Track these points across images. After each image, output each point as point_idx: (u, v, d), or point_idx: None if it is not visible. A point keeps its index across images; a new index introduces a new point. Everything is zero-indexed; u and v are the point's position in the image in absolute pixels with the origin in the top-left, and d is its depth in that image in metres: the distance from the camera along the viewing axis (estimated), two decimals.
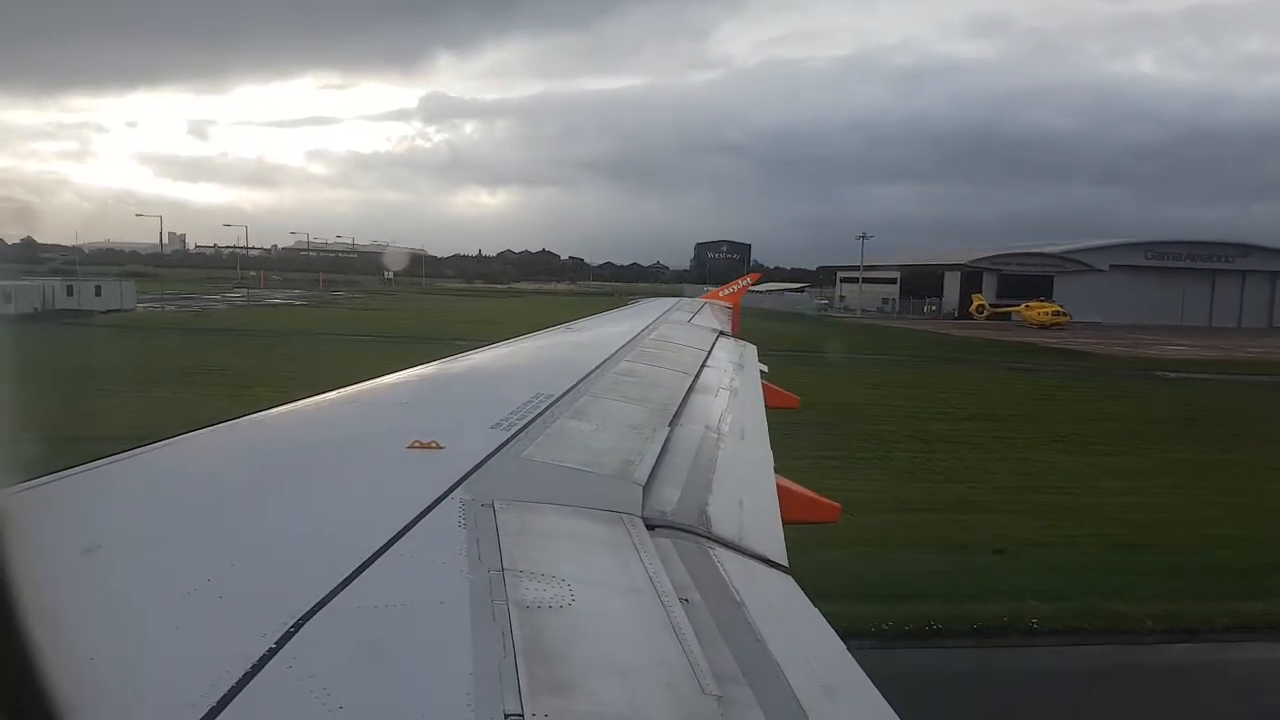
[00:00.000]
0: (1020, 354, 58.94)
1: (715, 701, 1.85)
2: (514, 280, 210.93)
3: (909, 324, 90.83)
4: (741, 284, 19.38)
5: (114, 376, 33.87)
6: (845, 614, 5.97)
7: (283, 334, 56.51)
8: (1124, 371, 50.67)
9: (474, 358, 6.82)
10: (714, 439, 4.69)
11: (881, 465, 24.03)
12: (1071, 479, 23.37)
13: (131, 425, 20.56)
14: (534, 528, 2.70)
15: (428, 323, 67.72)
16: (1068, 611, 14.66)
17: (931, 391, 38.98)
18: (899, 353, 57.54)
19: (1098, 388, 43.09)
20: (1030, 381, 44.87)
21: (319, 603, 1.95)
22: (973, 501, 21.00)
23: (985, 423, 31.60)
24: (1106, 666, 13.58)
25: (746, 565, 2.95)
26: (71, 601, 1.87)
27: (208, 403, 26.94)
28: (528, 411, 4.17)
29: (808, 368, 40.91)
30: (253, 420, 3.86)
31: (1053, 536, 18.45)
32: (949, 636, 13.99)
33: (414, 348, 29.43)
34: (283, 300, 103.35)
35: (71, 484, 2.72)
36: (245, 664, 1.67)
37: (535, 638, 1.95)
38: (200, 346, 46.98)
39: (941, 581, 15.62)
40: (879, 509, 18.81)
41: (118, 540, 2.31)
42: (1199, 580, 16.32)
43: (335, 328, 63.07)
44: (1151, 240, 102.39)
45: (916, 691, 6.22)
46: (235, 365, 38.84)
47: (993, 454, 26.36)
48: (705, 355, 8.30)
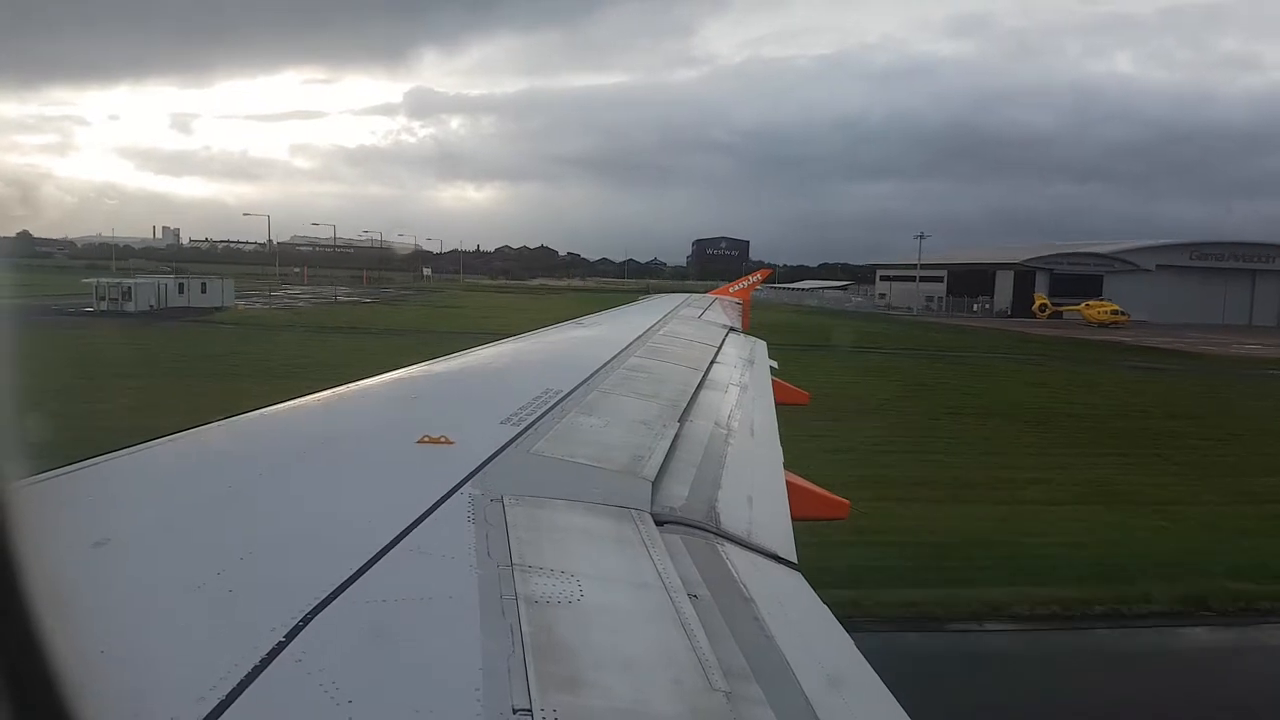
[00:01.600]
0: (1125, 354, 58.79)
1: (724, 697, 1.84)
2: (528, 277, 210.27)
3: (970, 322, 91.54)
4: (752, 280, 19.42)
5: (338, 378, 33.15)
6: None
7: (414, 331, 54.98)
8: (1243, 370, 50.33)
9: (484, 353, 6.82)
10: (724, 435, 4.69)
11: (1203, 468, 23.67)
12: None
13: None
14: (543, 523, 2.70)
15: (524, 316, 65.68)
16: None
17: (1118, 393, 38.90)
18: (1012, 352, 57.34)
19: (1246, 388, 42.69)
20: (1177, 381, 44.64)
21: (328, 597, 1.95)
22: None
23: (1218, 420, 31.72)
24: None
25: (756, 562, 2.94)
26: (82, 594, 1.88)
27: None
28: (537, 407, 4.17)
29: (951, 367, 42.06)
30: (263, 414, 3.87)
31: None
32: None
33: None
34: (352, 297, 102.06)
35: (82, 477, 2.74)
36: (255, 657, 1.67)
37: (544, 633, 1.95)
38: (364, 347, 45.46)
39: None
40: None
41: (128, 533, 2.32)
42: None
43: (448, 325, 61.30)
44: (1196, 241, 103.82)
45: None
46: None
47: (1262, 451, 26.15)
48: (715, 351, 8.29)
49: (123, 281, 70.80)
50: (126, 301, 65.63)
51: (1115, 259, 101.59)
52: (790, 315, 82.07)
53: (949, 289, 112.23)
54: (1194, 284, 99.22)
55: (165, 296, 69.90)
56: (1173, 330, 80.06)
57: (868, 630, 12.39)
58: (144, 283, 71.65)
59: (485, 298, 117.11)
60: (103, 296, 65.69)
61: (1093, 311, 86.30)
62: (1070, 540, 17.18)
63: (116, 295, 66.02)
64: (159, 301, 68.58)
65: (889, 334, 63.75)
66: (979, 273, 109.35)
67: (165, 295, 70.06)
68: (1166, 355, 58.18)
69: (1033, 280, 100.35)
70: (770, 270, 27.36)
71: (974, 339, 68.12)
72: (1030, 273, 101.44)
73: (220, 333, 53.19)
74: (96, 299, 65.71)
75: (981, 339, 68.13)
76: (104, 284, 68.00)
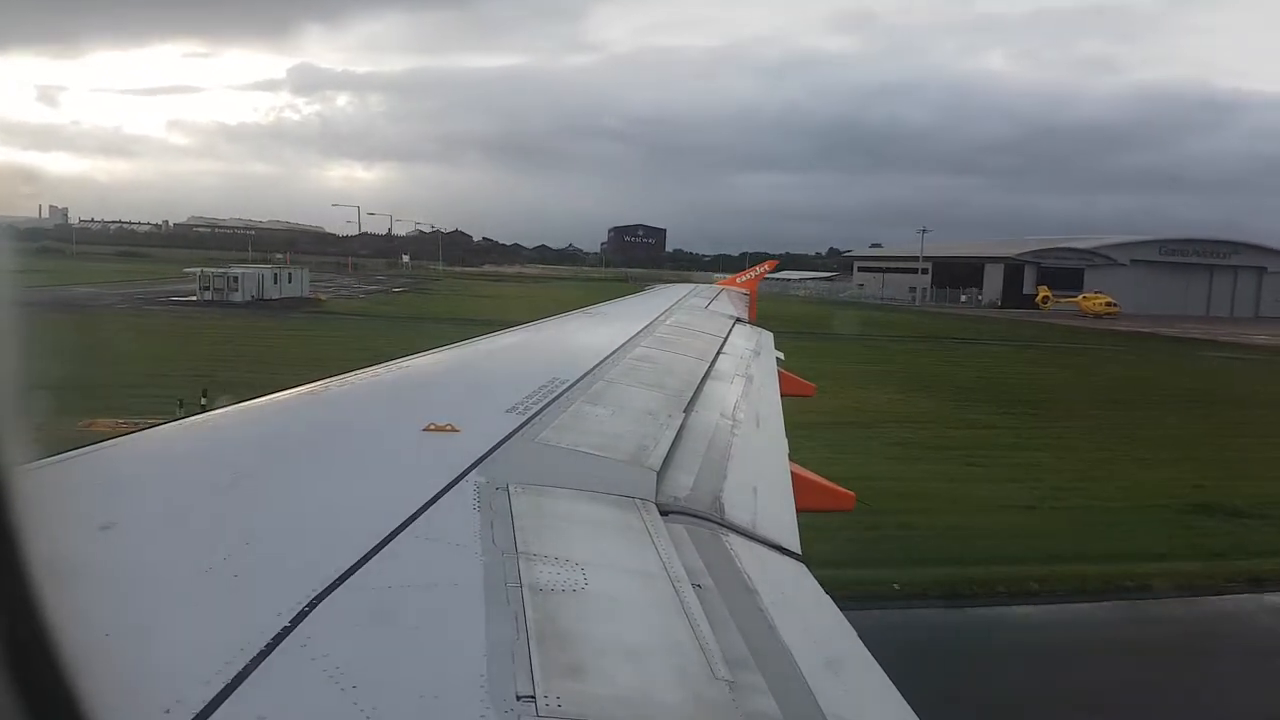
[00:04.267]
0: (1158, 343, 64.40)
1: (726, 686, 1.84)
2: (479, 263, 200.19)
3: (973, 312, 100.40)
4: (759, 270, 19.40)
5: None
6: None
7: (505, 321, 52.85)
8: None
9: (490, 342, 6.82)
10: (729, 426, 4.68)
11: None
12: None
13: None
14: (548, 511, 2.70)
15: (559, 303, 65.56)
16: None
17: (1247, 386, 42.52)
18: (1088, 342, 62.12)
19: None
20: (1242, 369, 50.20)
21: (334, 582, 1.96)
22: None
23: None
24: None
25: (759, 552, 2.94)
26: (88, 578, 1.89)
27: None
28: (543, 396, 4.17)
29: (1049, 369, 44.65)
30: (271, 400, 3.88)
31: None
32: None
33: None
34: (376, 287, 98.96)
35: (89, 461, 2.75)
36: (260, 642, 1.68)
37: (548, 620, 1.95)
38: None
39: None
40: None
41: (134, 517, 2.33)
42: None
43: (523, 312, 59.67)
44: (1164, 238, 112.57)
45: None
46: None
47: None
48: (721, 342, 8.28)
49: (229, 271, 70.20)
50: (233, 292, 65.18)
51: (1094, 254, 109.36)
52: (813, 309, 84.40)
53: (935, 280, 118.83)
54: (1163, 277, 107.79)
55: (263, 287, 68.97)
56: (1165, 321, 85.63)
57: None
58: (249, 273, 70.91)
59: (493, 287, 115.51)
60: (206, 286, 65.51)
61: (1089, 303, 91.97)
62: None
63: (222, 285, 65.64)
64: (259, 292, 67.73)
65: (945, 327, 68.63)
66: (966, 265, 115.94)
67: (262, 286, 69.13)
68: (1207, 345, 63.30)
69: (1022, 273, 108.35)
70: (776, 262, 27.49)
71: (1033, 330, 73.10)
72: (1020, 266, 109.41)
73: (349, 325, 51.53)
74: (200, 289, 65.49)
75: (1048, 330, 73.26)
76: (209, 274, 67.89)
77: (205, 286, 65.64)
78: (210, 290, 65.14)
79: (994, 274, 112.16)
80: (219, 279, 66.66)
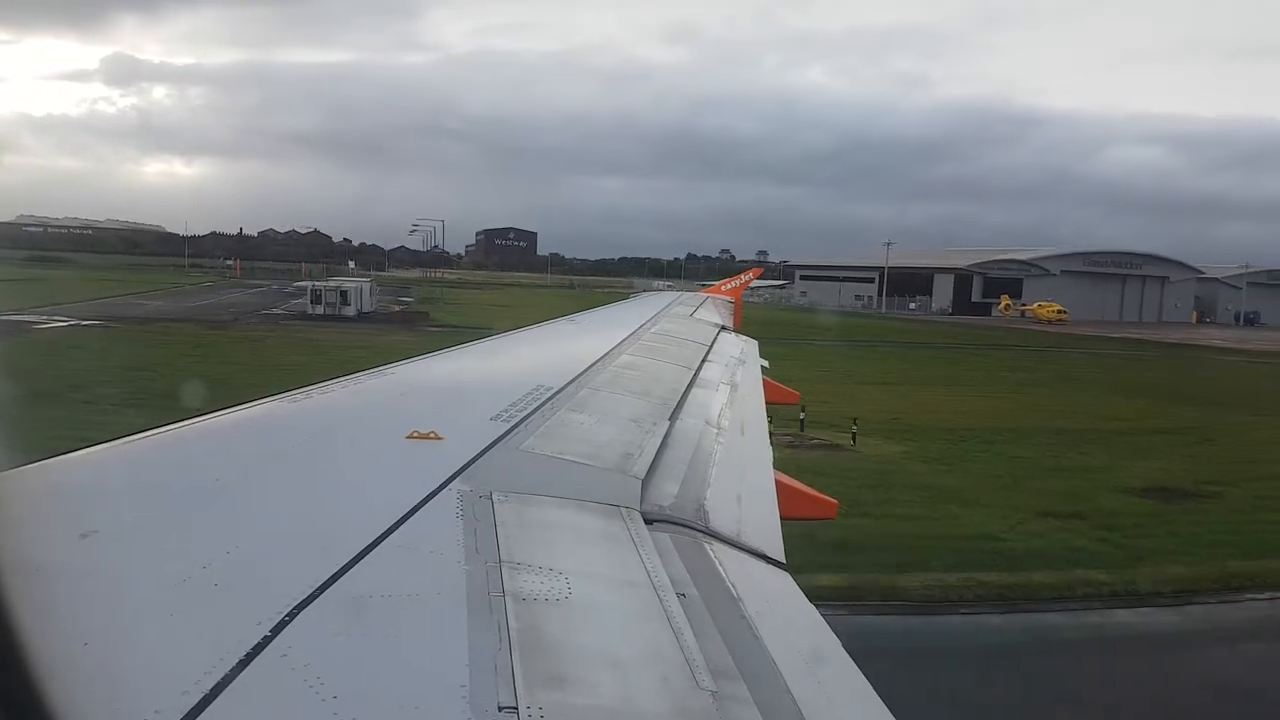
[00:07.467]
0: (1147, 348, 70.65)
1: (710, 696, 1.84)
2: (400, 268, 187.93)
3: (941, 319, 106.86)
4: (744, 279, 19.39)
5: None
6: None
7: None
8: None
9: (474, 349, 6.80)
10: (714, 434, 4.69)
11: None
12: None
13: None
14: (532, 520, 2.69)
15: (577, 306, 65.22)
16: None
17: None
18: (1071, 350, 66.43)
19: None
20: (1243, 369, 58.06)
21: (314, 592, 1.94)
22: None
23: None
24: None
25: (744, 561, 2.94)
26: (65, 587, 1.87)
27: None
28: (527, 404, 4.16)
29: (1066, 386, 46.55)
30: (252, 408, 3.85)
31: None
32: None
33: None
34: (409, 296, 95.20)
35: (68, 468, 2.71)
36: (239, 652, 1.66)
37: (531, 630, 1.94)
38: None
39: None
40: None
41: (113, 526, 2.30)
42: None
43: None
44: (1086, 250, 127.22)
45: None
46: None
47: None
48: (707, 350, 8.29)
49: (341, 285, 69.63)
50: (345, 306, 64.74)
51: (1031, 265, 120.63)
52: (788, 314, 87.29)
53: (887, 289, 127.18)
54: (1086, 286, 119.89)
55: (362, 300, 68.13)
56: (1110, 325, 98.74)
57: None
58: (354, 287, 69.68)
59: (494, 294, 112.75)
60: (318, 300, 65.15)
61: (1043, 311, 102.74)
62: None
63: (334, 299, 65.28)
64: (360, 305, 67.06)
65: (927, 333, 73.03)
66: (916, 275, 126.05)
67: (362, 299, 68.21)
68: (1182, 349, 71.39)
69: (970, 282, 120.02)
70: (762, 269, 27.48)
71: (1014, 335, 77.96)
72: (969, 276, 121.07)
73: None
74: (311, 302, 65.03)
75: (1028, 336, 78.56)
76: (320, 288, 67.73)
77: (317, 300, 65.23)
78: (322, 304, 64.75)
79: (944, 283, 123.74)
80: (330, 293, 66.37)
